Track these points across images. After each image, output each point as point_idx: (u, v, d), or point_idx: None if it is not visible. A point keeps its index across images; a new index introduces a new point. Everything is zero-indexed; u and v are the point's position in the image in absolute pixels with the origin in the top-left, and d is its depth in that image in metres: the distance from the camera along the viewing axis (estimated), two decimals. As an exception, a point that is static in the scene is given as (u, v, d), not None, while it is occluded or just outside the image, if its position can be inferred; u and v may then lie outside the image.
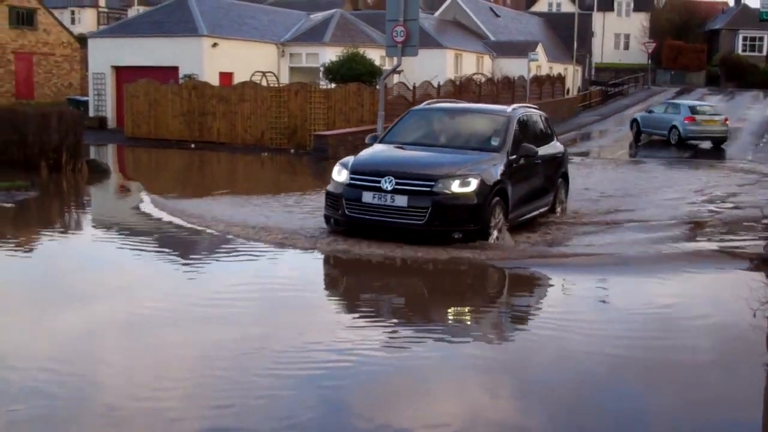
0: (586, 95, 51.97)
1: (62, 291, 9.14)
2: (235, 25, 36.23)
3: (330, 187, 11.50)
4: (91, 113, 34.07)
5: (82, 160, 19.48)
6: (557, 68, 49.64)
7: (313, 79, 32.11)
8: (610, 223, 13.90)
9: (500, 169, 11.37)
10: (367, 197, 10.91)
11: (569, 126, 40.08)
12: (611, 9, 77.50)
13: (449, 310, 8.96)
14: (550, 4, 77.39)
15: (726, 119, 32.44)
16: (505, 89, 36.62)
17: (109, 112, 34.26)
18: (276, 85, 29.15)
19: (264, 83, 31.37)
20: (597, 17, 71.51)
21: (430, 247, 10.81)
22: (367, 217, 10.97)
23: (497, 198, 11.14)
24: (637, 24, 76.22)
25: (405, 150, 11.90)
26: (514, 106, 13.16)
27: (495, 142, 11.96)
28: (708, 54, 72.10)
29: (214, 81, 31.63)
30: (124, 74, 33.62)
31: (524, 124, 12.77)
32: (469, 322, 8.49)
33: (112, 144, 29.17)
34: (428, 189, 10.68)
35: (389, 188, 10.74)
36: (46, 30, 42.90)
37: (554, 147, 14.06)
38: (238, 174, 23.44)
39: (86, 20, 63.64)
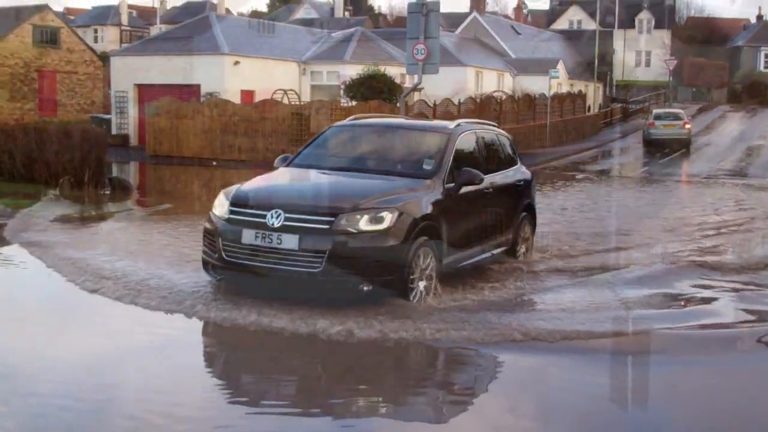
0: (607, 112, 51.83)
1: None
2: (256, 43, 36.49)
3: (207, 223, 8.96)
4: (114, 131, 34.30)
5: (105, 178, 19.59)
6: (578, 85, 49.66)
7: (333, 96, 32.20)
8: (589, 269, 11.18)
9: (431, 200, 8.93)
10: (248, 237, 8.34)
11: (590, 143, 40.02)
12: (632, 26, 77.33)
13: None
14: (571, 22, 77.41)
15: (685, 123, 37.26)
16: (526, 107, 36.59)
17: (132, 130, 34.52)
18: (297, 103, 29.28)
19: (285, 101, 31.56)
20: (618, 34, 71.48)
21: (335, 311, 8.11)
22: (248, 263, 8.36)
23: (424, 238, 8.60)
24: (658, 41, 75.97)
25: (311, 176, 9.52)
26: (460, 121, 10.75)
27: (428, 166, 9.43)
28: (730, 71, 71.85)
29: (236, 99, 31.82)
30: (146, 92, 33.86)
31: (471, 145, 10.33)
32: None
33: (134, 161, 29.39)
34: (326, 227, 8.17)
35: (276, 225, 8.23)
36: (70, 48, 43.32)
37: (516, 173, 11.41)
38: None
39: (109, 38, 64.30)
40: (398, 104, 26.39)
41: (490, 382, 7.16)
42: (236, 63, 33.58)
